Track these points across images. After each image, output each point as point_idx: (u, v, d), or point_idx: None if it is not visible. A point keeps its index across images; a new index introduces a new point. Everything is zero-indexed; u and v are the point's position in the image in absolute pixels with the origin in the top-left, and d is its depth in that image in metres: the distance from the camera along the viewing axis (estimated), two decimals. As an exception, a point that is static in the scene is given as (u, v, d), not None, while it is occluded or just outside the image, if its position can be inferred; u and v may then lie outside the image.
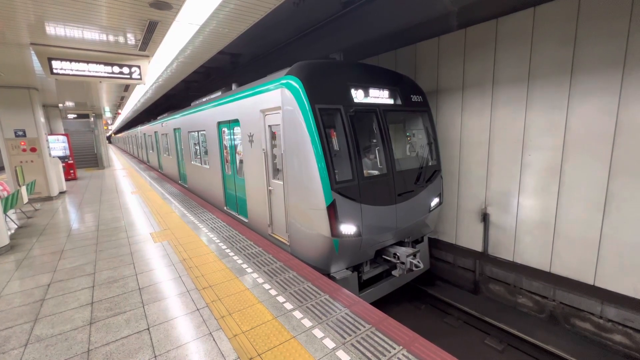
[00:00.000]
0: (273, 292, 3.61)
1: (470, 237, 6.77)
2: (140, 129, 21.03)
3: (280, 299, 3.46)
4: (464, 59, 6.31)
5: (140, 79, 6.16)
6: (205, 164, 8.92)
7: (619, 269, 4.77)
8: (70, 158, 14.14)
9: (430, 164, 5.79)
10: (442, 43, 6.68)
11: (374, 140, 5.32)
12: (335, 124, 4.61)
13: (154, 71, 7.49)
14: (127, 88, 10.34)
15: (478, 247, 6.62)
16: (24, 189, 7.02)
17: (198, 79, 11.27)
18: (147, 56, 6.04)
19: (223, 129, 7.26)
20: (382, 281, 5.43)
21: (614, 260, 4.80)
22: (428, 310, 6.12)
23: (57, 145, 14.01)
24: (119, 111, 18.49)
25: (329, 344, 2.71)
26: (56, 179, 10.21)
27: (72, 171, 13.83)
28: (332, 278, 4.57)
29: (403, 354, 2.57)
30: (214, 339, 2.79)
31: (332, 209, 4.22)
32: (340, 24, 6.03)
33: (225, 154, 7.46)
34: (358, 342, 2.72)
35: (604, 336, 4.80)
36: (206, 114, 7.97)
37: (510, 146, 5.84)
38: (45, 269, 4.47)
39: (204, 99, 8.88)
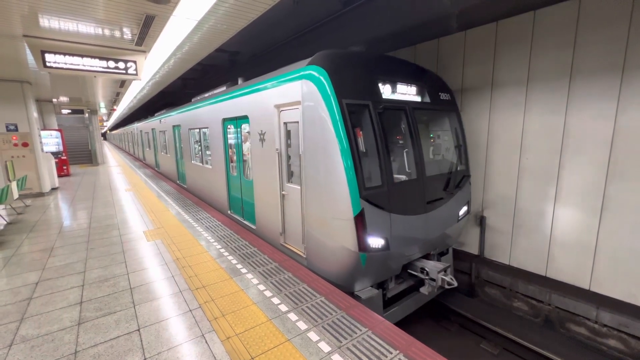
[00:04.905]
0: (268, 293, 3.54)
1: (466, 240, 6.76)
2: (137, 126, 20.67)
3: (275, 300, 3.39)
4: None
5: (136, 74, 6.07)
6: (207, 163, 8.36)
7: (615, 274, 4.78)
8: (64, 154, 13.93)
9: (459, 168, 5.29)
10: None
11: (401, 142, 4.84)
12: (362, 122, 4.03)
13: (151, 67, 7.39)
14: (122, 84, 10.20)
15: (474, 250, 6.62)
16: (14, 185, 6.87)
17: (195, 76, 11.16)
18: (144, 51, 5.95)
19: (229, 127, 6.69)
20: (405, 298, 4.86)
21: (610, 265, 4.81)
22: (423, 314, 6.09)
23: (50, 141, 13.79)
24: (115, 107, 18.30)
25: (325, 347, 2.65)
26: (48, 175, 10.03)
27: (65, 167, 13.63)
28: (356, 297, 4.06)
29: (400, 359, 2.52)
30: (206, 341, 2.72)
31: (360, 220, 3.69)
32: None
33: (230, 153, 6.91)
34: (354, 345, 2.67)
35: (599, 341, 4.80)
36: (210, 110, 7.41)
37: (506, 149, 5.84)
38: (34, 266, 4.36)
39: (206, 95, 8.34)
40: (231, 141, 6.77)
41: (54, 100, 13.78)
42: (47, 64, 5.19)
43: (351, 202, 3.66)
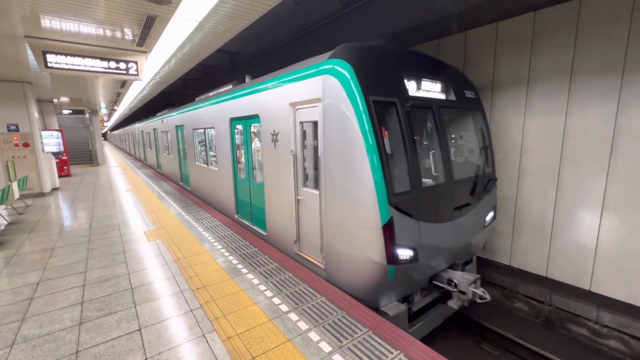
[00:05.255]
0: (269, 293, 3.55)
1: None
2: (138, 126, 20.44)
3: (276, 300, 3.40)
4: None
5: (137, 75, 6.08)
6: (212, 165, 8.00)
7: (615, 275, 4.78)
8: (64, 154, 13.94)
9: (486, 171, 4.93)
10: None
11: (425, 142, 4.56)
12: (389, 122, 3.70)
13: (152, 67, 7.40)
14: (123, 84, 10.22)
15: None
16: (15, 185, 6.88)
17: (196, 76, 11.17)
18: (145, 52, 5.96)
19: (236, 126, 6.34)
20: (430, 311, 4.52)
21: (610, 265, 4.81)
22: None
23: (51, 141, 13.81)
24: (115, 108, 18.32)
25: (325, 347, 2.65)
26: (49, 175, 10.04)
27: (65, 167, 13.64)
28: (382, 313, 3.74)
29: (400, 359, 2.52)
30: (207, 341, 2.73)
31: (388, 229, 3.36)
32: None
33: (237, 154, 6.56)
34: (355, 345, 2.67)
35: (600, 342, 4.80)
36: (216, 109, 7.05)
37: (506, 149, 5.85)
38: (35, 266, 4.36)
39: (210, 94, 7.95)
40: (239, 142, 6.47)
41: (55, 100, 13.81)
42: (49, 65, 5.20)
43: (379, 210, 3.31)
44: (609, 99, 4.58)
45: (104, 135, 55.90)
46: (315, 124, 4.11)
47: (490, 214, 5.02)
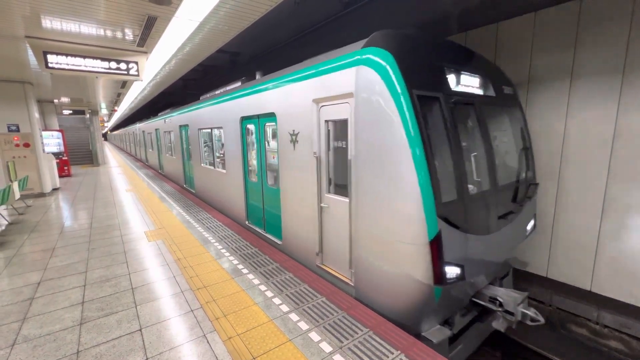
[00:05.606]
0: (269, 293, 3.55)
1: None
2: (139, 126, 20.01)
3: (277, 300, 3.40)
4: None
5: (138, 75, 6.09)
6: (220, 167, 7.53)
7: (616, 275, 4.77)
8: (65, 154, 13.95)
9: (527, 175, 4.50)
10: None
11: (467, 143, 3.97)
12: (432, 120, 3.22)
13: (152, 68, 7.41)
14: (124, 84, 10.24)
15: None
16: (15, 185, 6.89)
17: (196, 76, 11.19)
18: (145, 52, 5.97)
19: (248, 126, 5.87)
20: (468, 332, 4.01)
21: (611, 266, 4.81)
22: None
23: (52, 141, 13.81)
24: (116, 108, 18.34)
25: (326, 347, 2.65)
26: (49, 175, 10.05)
27: (66, 168, 13.65)
28: (425, 340, 3.29)
29: (401, 359, 2.52)
30: (207, 341, 2.73)
31: (436, 245, 2.95)
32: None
33: (249, 156, 6.10)
34: (355, 346, 2.67)
35: (600, 342, 4.80)
36: (225, 108, 6.59)
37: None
38: (36, 266, 4.37)
39: (217, 92, 7.49)
40: (251, 143, 6.02)
41: (55, 100, 13.82)
42: (49, 65, 5.21)
43: (426, 223, 2.89)
44: (609, 99, 4.57)
45: (105, 136, 55.98)
46: (344, 122, 3.65)
47: (531, 223, 4.60)
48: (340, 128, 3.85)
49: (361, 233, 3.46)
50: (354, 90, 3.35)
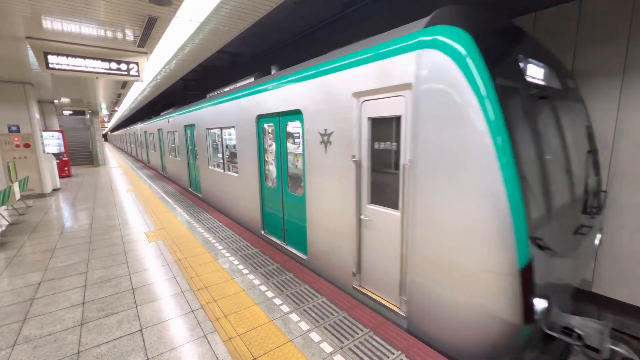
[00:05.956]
0: (269, 294, 3.55)
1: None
2: (140, 126, 19.36)
3: (277, 301, 3.40)
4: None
5: (138, 75, 6.10)
6: (231, 170, 6.99)
7: (616, 276, 4.77)
8: (65, 155, 13.96)
9: (596, 182, 3.99)
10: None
11: (549, 146, 3.34)
12: (515, 117, 2.59)
13: (152, 68, 7.42)
14: (124, 85, 10.25)
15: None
16: (16, 186, 6.90)
17: (196, 77, 11.20)
18: (146, 53, 5.98)
19: (265, 125, 5.30)
20: None
21: (612, 266, 4.80)
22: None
23: (52, 142, 13.82)
24: (116, 108, 18.36)
25: (327, 348, 2.65)
26: (50, 175, 10.06)
27: (66, 168, 13.66)
28: None
29: (401, 359, 2.52)
30: (208, 342, 2.73)
31: (527, 275, 2.37)
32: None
33: (266, 159, 5.53)
34: (356, 346, 2.67)
35: (601, 342, 4.78)
36: (237, 106, 6.02)
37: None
38: (36, 267, 4.37)
39: (226, 89, 6.95)
40: (269, 144, 5.51)
41: (56, 101, 13.84)
42: (50, 66, 5.22)
43: (515, 247, 2.30)
44: (610, 99, 4.56)
45: (105, 136, 56.03)
46: (396, 120, 3.04)
47: (598, 237, 4.02)
48: (389, 127, 3.18)
49: (418, 254, 2.85)
50: (412, 80, 2.74)
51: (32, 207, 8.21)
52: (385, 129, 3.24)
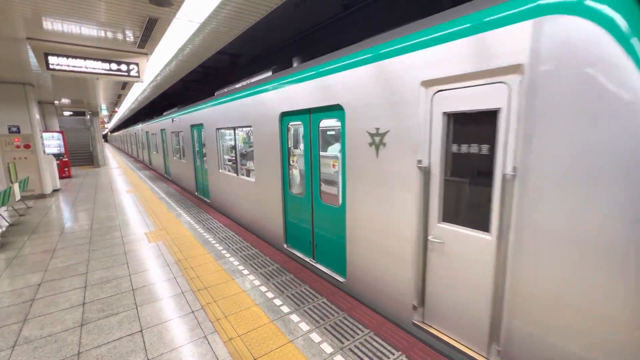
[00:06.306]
0: (270, 294, 3.55)
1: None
2: (142, 127, 18.76)
3: (277, 301, 3.40)
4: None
5: (138, 76, 6.11)
6: (245, 174, 6.46)
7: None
8: (65, 156, 13.97)
9: None
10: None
11: None
12: None
13: (153, 69, 7.43)
14: (124, 86, 10.26)
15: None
16: (16, 186, 6.90)
17: (196, 78, 11.22)
18: (146, 54, 5.99)
19: (291, 124, 4.67)
20: None
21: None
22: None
23: (52, 143, 13.83)
24: (116, 109, 18.37)
25: (327, 348, 2.65)
26: (50, 176, 10.06)
27: (66, 169, 13.67)
28: None
29: (402, 360, 2.52)
30: (208, 342, 2.73)
31: None
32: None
33: (291, 162, 4.94)
34: (356, 346, 2.67)
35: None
36: (256, 102, 5.33)
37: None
38: (36, 268, 4.37)
39: (237, 85, 6.40)
40: (295, 145, 5.00)
41: (56, 102, 13.85)
42: (50, 66, 5.23)
43: None
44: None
45: (105, 137, 56.07)
46: (489, 115, 2.35)
47: None
48: (476, 125, 2.52)
49: (525, 293, 2.22)
50: (525, 59, 2.08)
51: (32, 207, 8.21)
52: (469, 127, 2.56)
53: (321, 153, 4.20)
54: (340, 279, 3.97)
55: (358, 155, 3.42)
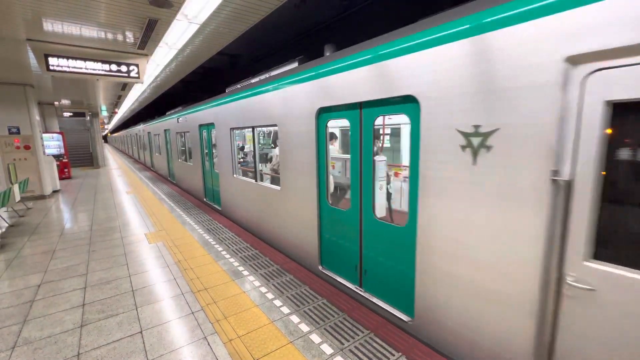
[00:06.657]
0: (270, 295, 3.54)
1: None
2: (143, 127, 18.09)
3: (277, 302, 3.39)
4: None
5: (139, 77, 6.12)
6: (267, 181, 5.84)
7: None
8: (65, 156, 13.97)
9: None
10: None
11: None
12: None
13: (153, 70, 7.43)
14: (124, 87, 10.27)
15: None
16: (16, 187, 6.90)
17: (196, 79, 11.23)
18: (146, 55, 5.99)
19: (331, 123, 3.90)
20: None
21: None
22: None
23: (52, 144, 13.82)
24: (116, 110, 18.38)
25: (327, 349, 2.65)
26: (50, 177, 10.06)
27: (66, 170, 13.67)
28: None
29: (402, 361, 2.52)
30: (208, 343, 2.72)
31: None
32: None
33: (330, 168, 4.25)
34: (356, 347, 2.67)
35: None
36: (282, 98, 4.54)
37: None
38: (36, 269, 4.36)
39: (254, 80, 5.63)
40: (336, 148, 4.22)
41: (56, 103, 13.86)
42: (51, 68, 5.23)
43: None
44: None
45: (105, 138, 56.06)
46: None
47: None
48: None
49: None
50: None
51: (32, 208, 8.21)
52: None
53: (376, 158, 3.46)
54: (404, 317, 3.13)
55: (442, 162, 2.61)
